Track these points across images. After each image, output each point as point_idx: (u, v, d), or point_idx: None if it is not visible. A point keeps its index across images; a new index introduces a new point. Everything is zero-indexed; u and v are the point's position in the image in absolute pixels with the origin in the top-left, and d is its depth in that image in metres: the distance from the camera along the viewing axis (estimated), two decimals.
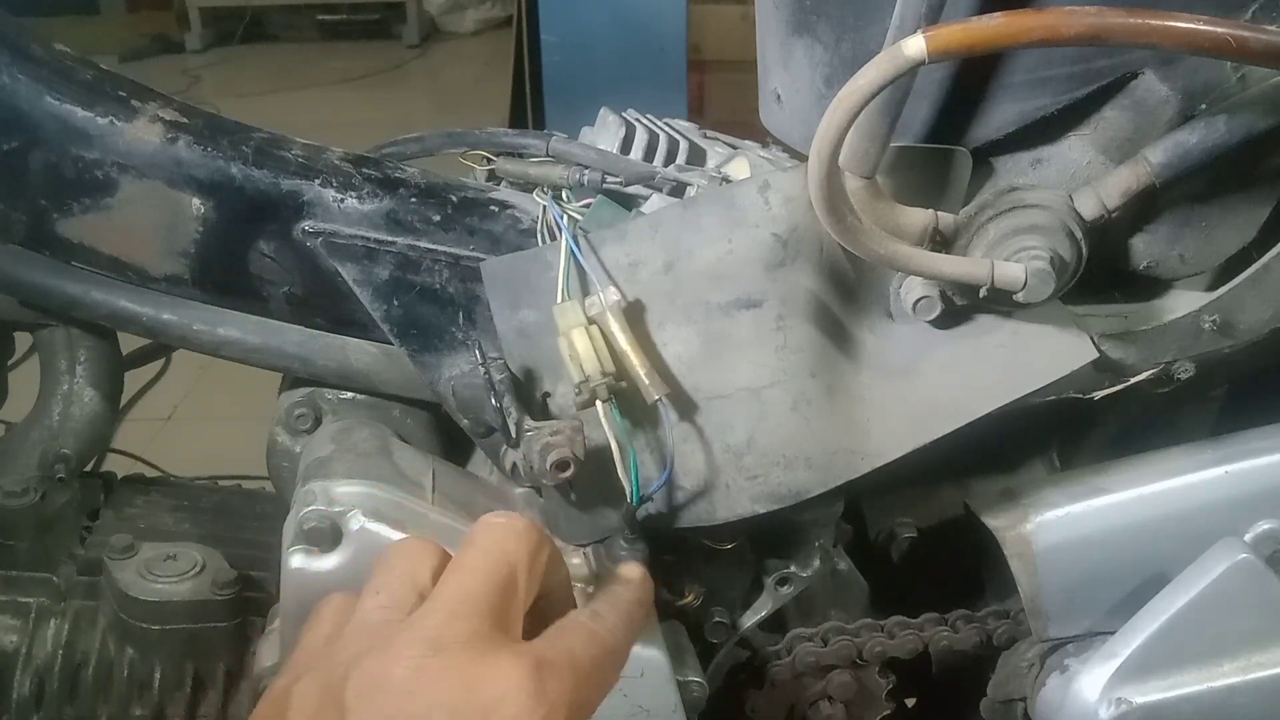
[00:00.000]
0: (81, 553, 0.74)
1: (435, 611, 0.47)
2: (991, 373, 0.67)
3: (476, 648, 0.45)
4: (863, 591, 0.81)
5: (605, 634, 0.51)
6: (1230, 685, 0.67)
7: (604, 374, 0.61)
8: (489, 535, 0.50)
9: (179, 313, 0.71)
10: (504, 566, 0.49)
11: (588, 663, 0.48)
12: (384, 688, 0.44)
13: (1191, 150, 0.62)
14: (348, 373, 0.72)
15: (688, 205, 0.68)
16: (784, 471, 0.66)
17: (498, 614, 0.47)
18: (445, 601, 0.48)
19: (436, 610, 0.47)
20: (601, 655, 0.50)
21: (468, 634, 0.46)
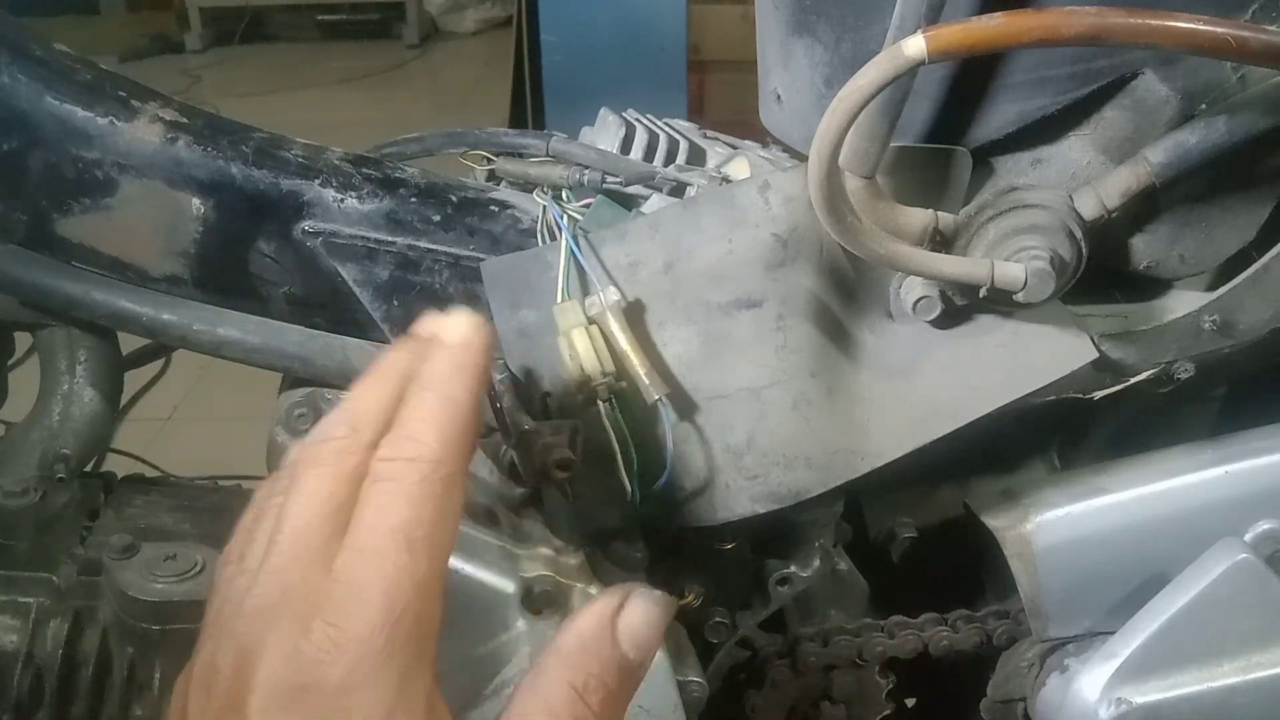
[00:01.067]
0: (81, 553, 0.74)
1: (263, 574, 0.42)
2: (991, 373, 0.67)
3: (288, 607, 0.41)
4: (863, 591, 0.81)
5: (405, 471, 0.43)
6: (1230, 685, 0.67)
7: (604, 374, 0.61)
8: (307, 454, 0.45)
9: (179, 313, 0.71)
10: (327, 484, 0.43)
11: (397, 546, 0.42)
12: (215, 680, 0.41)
13: (1191, 150, 0.62)
14: (348, 373, 0.72)
15: (688, 205, 0.68)
16: (784, 471, 0.66)
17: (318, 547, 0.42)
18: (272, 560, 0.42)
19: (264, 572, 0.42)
20: (408, 513, 0.42)
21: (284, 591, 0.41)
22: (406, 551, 0.42)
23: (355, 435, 0.45)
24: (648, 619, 0.47)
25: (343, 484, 0.44)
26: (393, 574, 0.41)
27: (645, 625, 0.46)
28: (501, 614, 0.64)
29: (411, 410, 0.45)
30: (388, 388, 0.47)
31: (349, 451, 0.44)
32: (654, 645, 0.47)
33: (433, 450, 0.44)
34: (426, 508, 0.43)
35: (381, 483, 0.43)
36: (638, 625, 0.46)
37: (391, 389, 0.47)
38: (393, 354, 0.49)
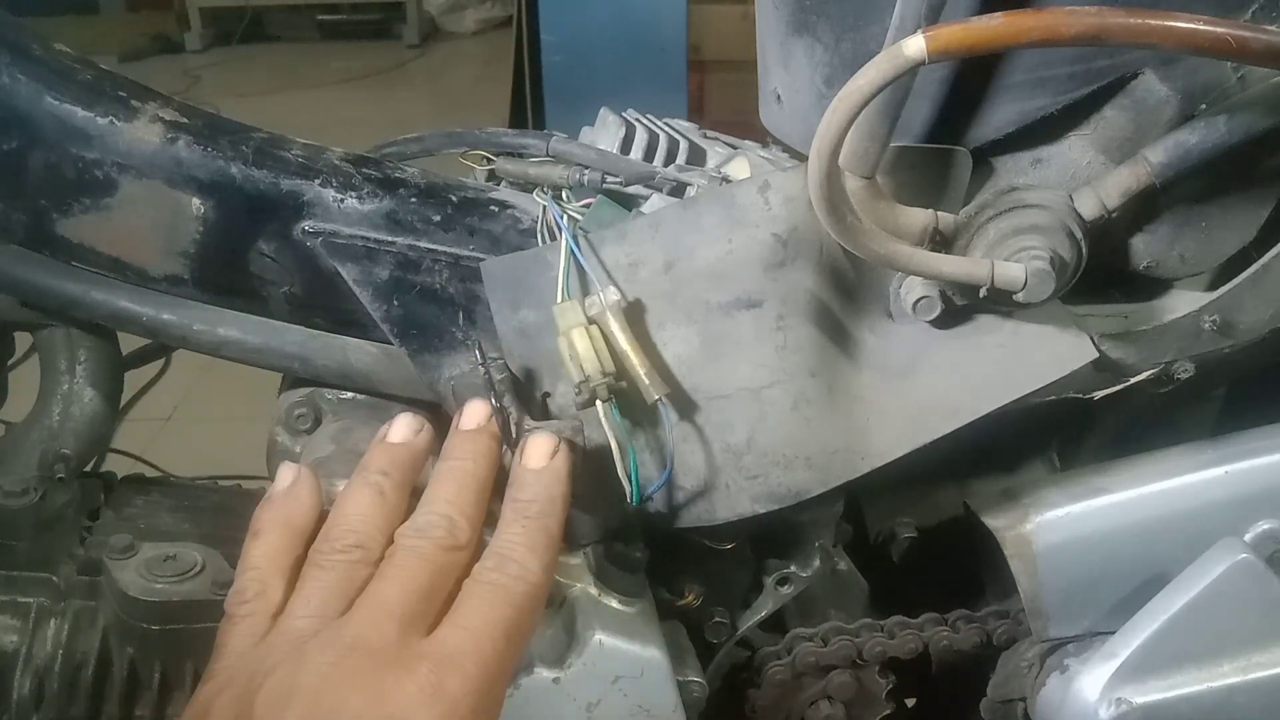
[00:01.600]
0: (81, 553, 0.74)
1: (350, 621, 0.48)
2: (991, 373, 0.67)
3: (382, 654, 0.47)
4: (863, 591, 0.81)
5: (511, 583, 0.51)
6: (1230, 685, 0.67)
7: (604, 374, 0.61)
8: (410, 543, 0.52)
9: (179, 313, 0.71)
10: (424, 572, 0.50)
11: (493, 633, 0.49)
12: (291, 697, 0.45)
13: (1191, 150, 0.62)
14: (348, 373, 0.72)
15: (688, 205, 0.68)
16: (784, 471, 0.66)
17: (414, 617, 0.49)
18: (362, 610, 0.49)
19: (352, 619, 0.48)
20: (510, 614, 0.50)
21: (378, 640, 0.47)
22: (504, 640, 0.49)
23: (451, 535, 0.53)
24: None
25: (444, 574, 0.51)
26: (490, 653, 0.48)
27: None
28: None
29: (514, 535, 0.53)
30: (479, 485, 0.55)
31: (448, 549, 0.52)
32: None
33: (535, 575, 0.51)
34: (523, 615, 0.50)
35: (489, 585, 0.51)
36: None
37: (466, 489, 0.55)
38: (459, 452, 0.57)
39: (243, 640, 0.51)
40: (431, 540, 0.52)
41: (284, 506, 0.57)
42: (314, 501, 0.58)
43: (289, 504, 0.57)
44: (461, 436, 0.58)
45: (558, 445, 0.57)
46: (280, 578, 0.53)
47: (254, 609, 0.52)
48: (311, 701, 0.44)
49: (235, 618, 0.52)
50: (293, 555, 0.55)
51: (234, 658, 0.50)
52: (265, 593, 0.53)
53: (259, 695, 0.45)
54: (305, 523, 0.56)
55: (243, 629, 0.51)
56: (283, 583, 0.53)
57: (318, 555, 0.53)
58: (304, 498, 0.57)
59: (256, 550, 0.55)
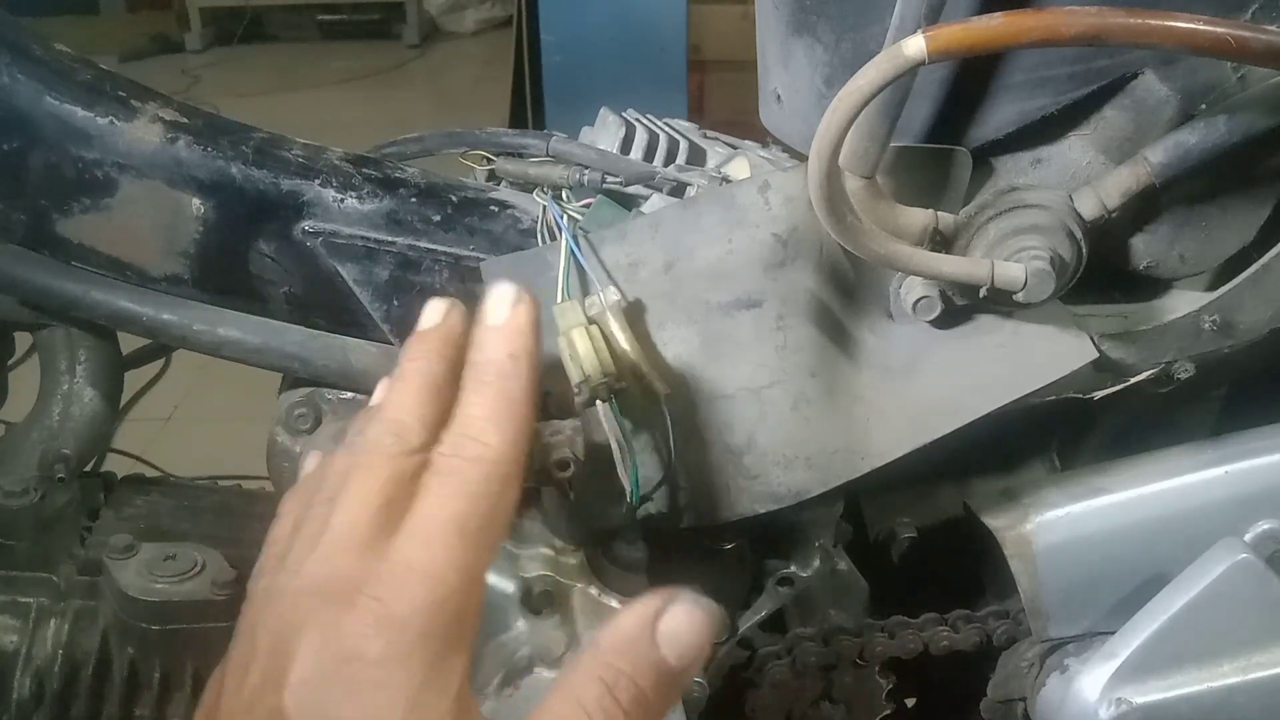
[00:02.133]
0: (81, 553, 0.74)
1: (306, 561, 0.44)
2: (991, 373, 0.67)
3: (330, 591, 0.43)
4: (863, 591, 0.81)
5: (465, 466, 0.45)
6: (1230, 685, 0.67)
7: (604, 374, 0.61)
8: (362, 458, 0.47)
9: (179, 313, 0.71)
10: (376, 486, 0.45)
11: (446, 535, 0.44)
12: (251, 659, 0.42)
13: (1191, 150, 0.62)
14: (348, 373, 0.72)
15: (688, 205, 0.68)
16: (784, 471, 0.66)
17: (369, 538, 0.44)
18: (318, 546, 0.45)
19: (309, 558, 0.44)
20: (465, 506, 0.44)
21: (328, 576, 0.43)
22: (459, 541, 0.44)
23: (401, 440, 0.46)
24: (691, 625, 0.46)
25: (394, 485, 0.45)
26: (443, 559, 0.43)
27: (688, 631, 0.45)
28: (501, 614, 0.64)
29: (470, 407, 0.47)
30: (430, 381, 0.49)
31: (399, 455, 0.46)
32: (697, 653, 0.45)
33: (495, 450, 0.46)
34: (484, 503, 0.45)
35: (441, 476, 0.45)
36: (680, 630, 0.45)
37: (419, 388, 0.48)
38: (412, 354, 0.50)
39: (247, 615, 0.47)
40: (380, 451, 0.46)
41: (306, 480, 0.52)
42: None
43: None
44: (415, 337, 0.51)
45: (518, 295, 0.50)
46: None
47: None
48: (267, 653, 0.42)
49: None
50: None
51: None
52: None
53: (231, 659, 0.44)
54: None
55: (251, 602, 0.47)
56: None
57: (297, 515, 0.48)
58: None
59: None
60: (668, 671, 0.45)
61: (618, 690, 0.43)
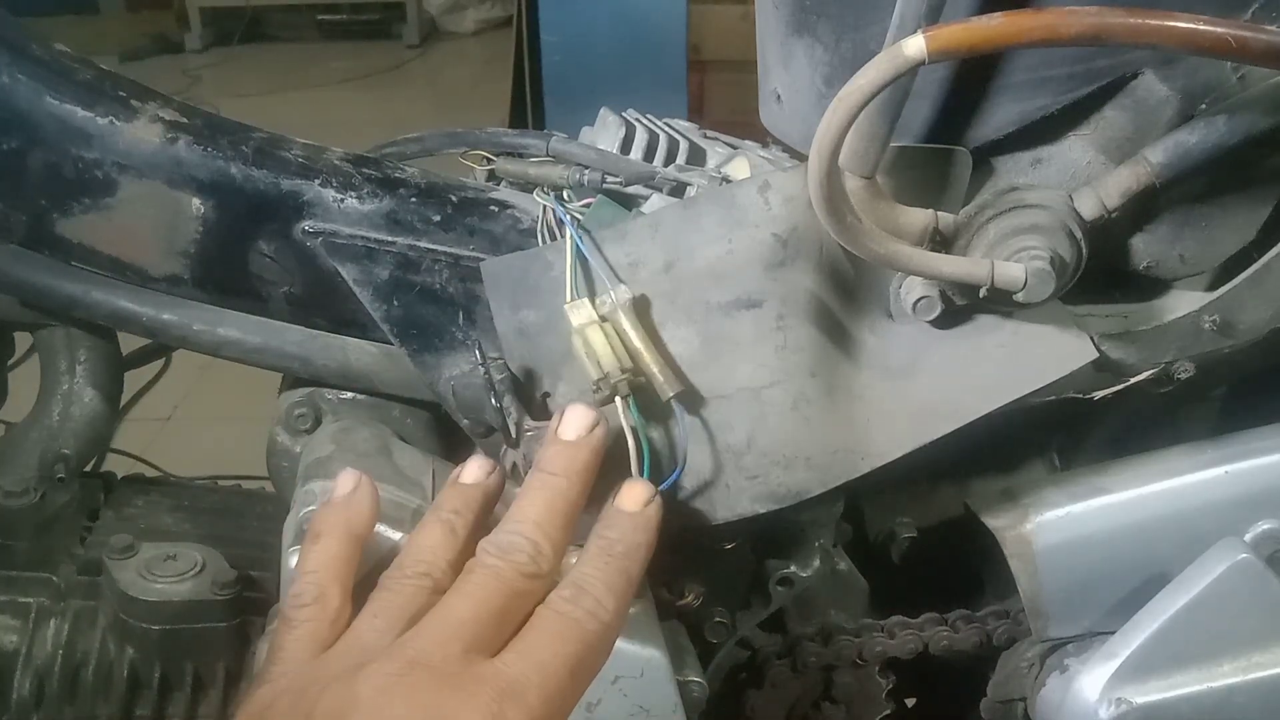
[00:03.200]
0: (81, 553, 0.74)
1: (417, 636, 0.47)
2: (991, 373, 0.67)
3: (445, 673, 0.45)
4: (863, 591, 0.81)
5: (585, 619, 0.49)
6: (1230, 685, 0.67)
7: (623, 370, 0.61)
8: (490, 562, 0.50)
9: (179, 313, 0.71)
10: (499, 595, 0.49)
11: (560, 668, 0.47)
12: (350, 710, 0.44)
13: (1191, 150, 0.62)
14: (348, 373, 0.72)
15: (688, 205, 0.68)
16: (784, 471, 0.66)
17: (482, 639, 0.47)
18: (429, 626, 0.48)
19: (418, 635, 0.47)
20: (580, 650, 0.48)
21: (441, 658, 0.46)
22: (569, 678, 0.47)
23: (534, 563, 0.50)
24: None
25: (515, 600, 0.49)
26: (554, 688, 0.46)
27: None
28: None
29: (595, 569, 0.51)
30: (568, 506, 0.53)
31: (531, 576, 0.50)
32: None
33: (610, 615, 0.49)
34: (590, 657, 0.49)
35: (563, 617, 0.49)
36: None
37: (555, 510, 0.53)
38: (552, 466, 0.54)
39: (302, 647, 0.50)
40: (512, 563, 0.50)
41: (344, 511, 0.56)
42: (373, 509, 0.57)
43: (349, 509, 0.56)
44: (560, 448, 0.55)
45: (653, 495, 0.55)
46: (338, 584, 0.52)
47: (312, 614, 0.51)
48: (369, 716, 0.44)
49: (294, 622, 0.51)
50: (351, 562, 0.54)
51: (293, 664, 0.49)
52: (323, 598, 0.52)
53: (318, 705, 0.44)
54: (364, 530, 0.56)
55: (301, 634, 0.51)
56: (340, 590, 0.52)
57: (387, 580, 0.52)
58: (364, 504, 0.56)
59: (315, 554, 0.54)
60: None
61: None
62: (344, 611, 0.52)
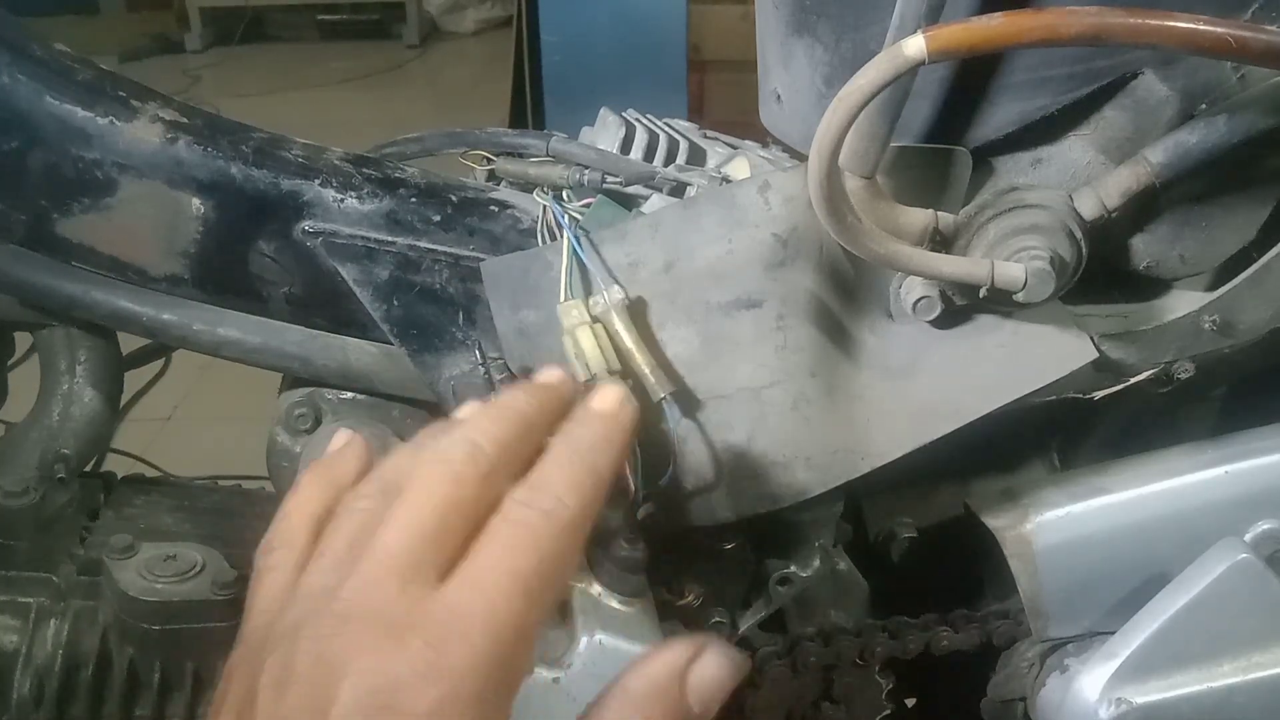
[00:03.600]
0: (81, 553, 0.74)
1: (352, 577, 0.43)
2: (991, 373, 0.67)
3: (378, 621, 0.41)
4: (863, 591, 0.81)
5: (540, 521, 0.43)
6: (1230, 685, 0.67)
7: (610, 372, 0.61)
8: (423, 471, 0.45)
9: (179, 313, 0.71)
10: (434, 508, 0.44)
11: (511, 588, 0.42)
12: (288, 683, 0.41)
13: (1191, 150, 0.62)
14: (348, 373, 0.72)
15: (688, 205, 0.68)
16: (784, 471, 0.66)
17: (422, 565, 0.42)
18: (363, 563, 0.43)
19: (354, 575, 0.43)
20: (535, 563, 0.42)
21: (377, 601, 0.41)
22: (522, 598, 0.42)
23: (473, 462, 0.45)
24: (718, 677, 0.45)
25: (454, 511, 0.44)
26: (505, 616, 0.41)
27: (715, 683, 0.45)
28: None
29: (557, 468, 0.46)
30: (522, 420, 0.48)
31: (472, 481, 0.44)
32: (719, 702, 0.46)
33: (571, 512, 0.44)
34: (551, 563, 0.43)
35: (513, 525, 0.43)
36: (708, 682, 0.45)
37: (511, 423, 0.47)
38: (517, 395, 0.50)
39: (266, 598, 0.46)
40: (447, 464, 0.44)
41: (328, 464, 0.52)
42: (360, 463, 0.52)
43: (333, 462, 0.52)
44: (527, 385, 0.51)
45: (627, 397, 0.50)
46: (308, 527, 0.48)
47: (278, 560, 0.47)
48: (308, 680, 0.40)
49: (259, 571, 0.48)
50: (326, 508, 0.49)
51: (257, 617, 0.46)
52: (291, 542, 0.48)
53: (261, 679, 0.41)
54: (346, 481, 0.51)
55: (267, 583, 0.47)
56: (308, 533, 0.48)
57: (341, 505, 0.48)
58: (350, 458, 0.52)
59: (290, 501, 0.50)
60: (691, 719, 0.44)
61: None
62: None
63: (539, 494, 0.44)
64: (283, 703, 0.40)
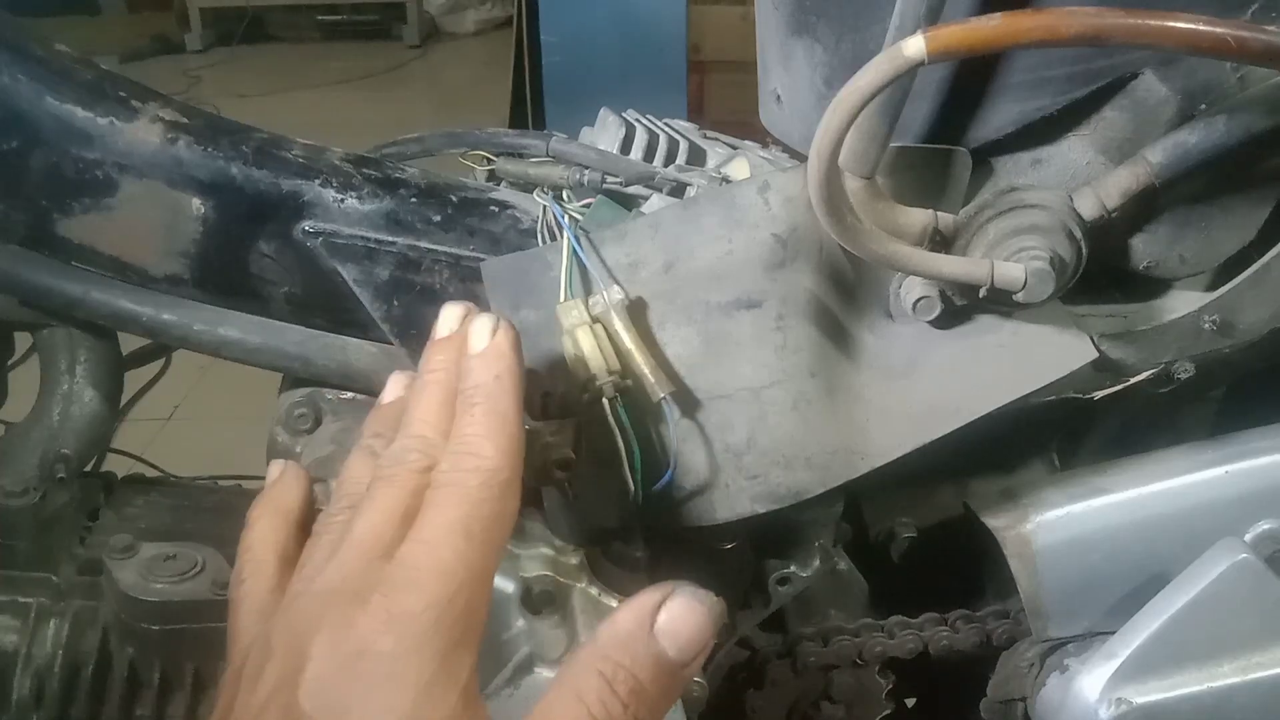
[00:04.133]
0: (81, 553, 0.74)
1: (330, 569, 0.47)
2: (991, 373, 0.67)
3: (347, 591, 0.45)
4: (863, 591, 0.81)
5: (466, 476, 0.47)
6: (1230, 685, 0.67)
7: (609, 372, 0.61)
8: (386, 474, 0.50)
9: (179, 313, 0.71)
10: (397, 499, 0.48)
11: (449, 535, 0.46)
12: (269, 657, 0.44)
13: (1191, 150, 0.62)
14: (348, 373, 0.72)
15: (688, 205, 0.68)
16: (784, 471, 0.66)
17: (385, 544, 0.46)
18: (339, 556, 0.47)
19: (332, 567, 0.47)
20: (468, 509, 0.46)
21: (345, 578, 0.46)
22: (464, 541, 0.46)
23: (425, 456, 0.50)
24: (691, 617, 0.47)
25: (412, 497, 0.48)
26: (449, 559, 0.45)
27: (687, 624, 0.46)
28: (501, 613, 0.64)
29: (464, 426, 0.50)
30: (437, 402, 0.52)
31: (418, 470, 0.49)
32: (697, 645, 0.47)
33: (491, 460, 0.48)
34: (484, 507, 0.47)
35: (443, 488, 0.48)
36: (679, 623, 0.46)
37: (441, 402, 0.52)
38: (432, 364, 0.53)
39: (246, 620, 0.51)
40: (405, 466, 0.49)
41: (271, 496, 0.57)
42: (301, 488, 0.58)
43: (276, 492, 0.58)
44: (434, 346, 0.54)
45: (496, 322, 0.53)
46: (273, 554, 0.53)
47: (250, 589, 0.52)
48: (282, 654, 0.44)
49: (235, 601, 0.52)
50: (285, 534, 0.55)
51: (241, 636, 0.50)
52: (259, 570, 0.52)
53: (247, 664, 0.45)
54: (294, 507, 0.57)
55: (244, 609, 0.51)
56: (276, 560, 0.53)
57: (317, 526, 0.52)
58: (290, 485, 0.58)
59: (246, 537, 0.55)
60: (667, 664, 0.45)
61: (616, 683, 0.44)
62: (285, 578, 0.52)
63: (459, 456, 0.49)
64: (260, 683, 0.44)
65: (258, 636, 0.47)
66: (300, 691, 0.42)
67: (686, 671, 0.46)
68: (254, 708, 0.43)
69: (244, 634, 0.50)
